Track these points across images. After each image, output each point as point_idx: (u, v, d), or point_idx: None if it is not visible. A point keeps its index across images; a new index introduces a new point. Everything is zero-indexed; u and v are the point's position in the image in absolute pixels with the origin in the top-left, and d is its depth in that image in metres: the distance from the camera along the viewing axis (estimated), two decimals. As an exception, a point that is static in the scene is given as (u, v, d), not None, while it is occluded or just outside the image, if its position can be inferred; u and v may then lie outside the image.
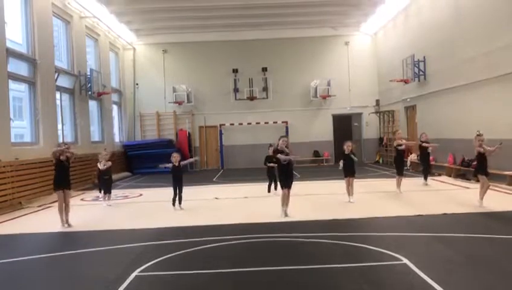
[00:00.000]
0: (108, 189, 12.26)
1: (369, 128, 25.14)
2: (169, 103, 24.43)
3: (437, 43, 17.11)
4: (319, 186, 14.64)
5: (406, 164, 15.89)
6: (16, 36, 14.39)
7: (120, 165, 21.62)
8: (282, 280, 5.50)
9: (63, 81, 17.19)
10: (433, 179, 14.94)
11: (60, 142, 11.75)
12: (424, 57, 18.32)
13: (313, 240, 7.37)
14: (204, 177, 19.68)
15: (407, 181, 13.51)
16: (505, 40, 12.71)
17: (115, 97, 23.61)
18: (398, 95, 21.53)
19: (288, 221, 9.04)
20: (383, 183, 14.50)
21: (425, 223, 8.44)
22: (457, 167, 15.40)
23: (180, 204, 10.83)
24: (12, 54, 13.53)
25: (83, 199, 13.76)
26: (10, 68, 13.29)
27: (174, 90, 24.38)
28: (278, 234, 7.89)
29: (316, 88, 24.36)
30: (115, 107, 23.78)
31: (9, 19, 13.44)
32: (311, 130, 24.90)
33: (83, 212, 11.08)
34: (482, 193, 9.67)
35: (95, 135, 20.64)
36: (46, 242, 8.34)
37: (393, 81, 20.54)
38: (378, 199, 11.48)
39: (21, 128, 14.84)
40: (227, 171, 23.16)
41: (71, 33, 18.22)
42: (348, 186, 11.02)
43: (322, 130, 24.95)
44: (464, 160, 14.79)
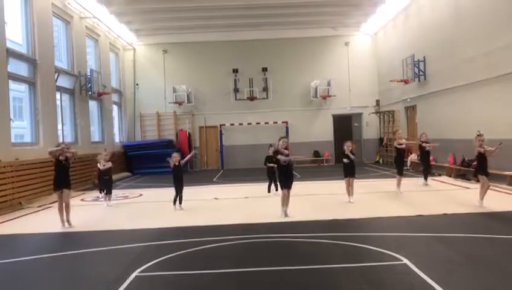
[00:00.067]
0: (109, 189, 12.26)
1: (369, 128, 25.13)
2: (169, 103, 24.43)
3: (437, 43, 17.11)
4: (319, 187, 14.63)
5: (406, 164, 15.89)
6: (16, 36, 14.38)
7: (120, 165, 21.60)
8: (283, 280, 5.50)
9: (63, 82, 17.19)
10: (433, 179, 14.93)
11: (60, 142, 11.74)
12: (424, 57, 18.32)
13: (313, 240, 7.37)
14: (205, 177, 19.67)
15: (407, 181, 13.51)
16: (505, 40, 12.71)
17: (115, 97, 23.62)
18: (398, 95, 21.54)
19: (288, 221, 9.04)
20: (383, 184, 14.49)
21: (426, 223, 8.43)
22: (457, 167, 15.40)
23: (180, 204, 10.82)
24: (12, 54, 13.54)
25: (83, 199, 13.76)
26: (10, 68, 13.29)
27: (174, 90, 24.38)
28: (278, 234, 7.88)
29: (316, 88, 24.36)
30: (115, 108, 23.78)
31: (9, 19, 13.44)
32: (311, 130, 24.90)
33: (83, 213, 11.07)
34: (482, 193, 9.67)
35: (95, 135, 20.65)
36: (47, 242, 8.33)
37: (394, 81, 20.54)
38: (378, 199, 11.48)
39: (21, 128, 14.83)
40: (227, 171, 23.15)
41: (71, 33, 18.23)
42: (348, 187, 11.02)
43: (322, 130, 24.94)
44: (464, 160, 14.78)
